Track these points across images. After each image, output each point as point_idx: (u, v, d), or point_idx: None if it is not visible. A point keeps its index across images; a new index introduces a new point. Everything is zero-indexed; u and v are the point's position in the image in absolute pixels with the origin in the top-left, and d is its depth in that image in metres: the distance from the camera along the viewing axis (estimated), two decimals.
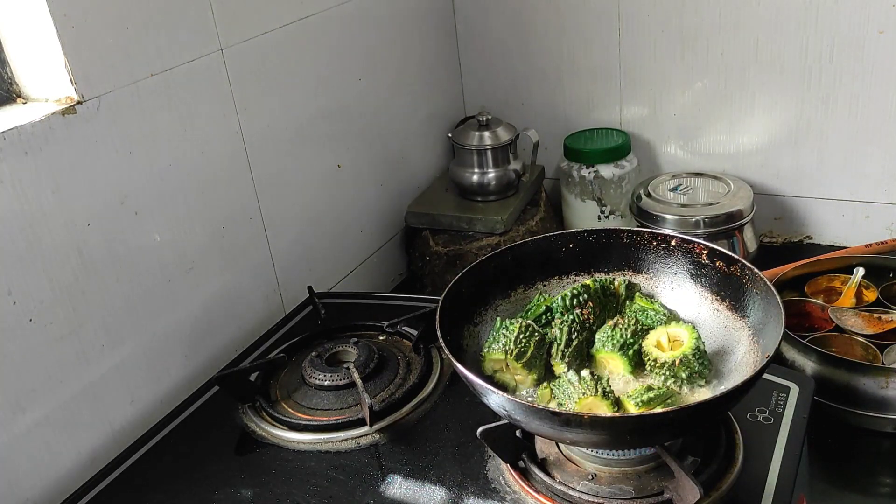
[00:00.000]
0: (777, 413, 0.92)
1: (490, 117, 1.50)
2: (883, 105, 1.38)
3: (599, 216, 1.58)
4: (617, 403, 0.82)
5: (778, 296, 0.83)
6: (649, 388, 0.83)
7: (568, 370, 0.87)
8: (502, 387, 0.87)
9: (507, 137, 1.50)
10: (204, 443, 0.98)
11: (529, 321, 0.90)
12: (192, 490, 0.91)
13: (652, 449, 0.83)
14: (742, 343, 0.88)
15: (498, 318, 0.91)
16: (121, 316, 1.01)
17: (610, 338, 0.89)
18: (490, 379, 0.88)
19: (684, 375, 0.85)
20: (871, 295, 1.21)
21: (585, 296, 0.92)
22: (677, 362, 0.84)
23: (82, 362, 0.97)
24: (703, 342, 0.87)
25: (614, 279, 0.97)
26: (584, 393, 0.82)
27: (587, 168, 1.54)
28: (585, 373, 0.85)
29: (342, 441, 0.95)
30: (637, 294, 0.96)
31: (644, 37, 1.52)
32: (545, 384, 0.87)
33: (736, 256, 0.90)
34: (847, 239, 1.49)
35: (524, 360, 0.87)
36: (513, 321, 0.89)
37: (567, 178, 1.58)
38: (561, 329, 0.90)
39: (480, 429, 0.82)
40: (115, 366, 1.01)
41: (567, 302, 0.92)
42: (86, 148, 0.94)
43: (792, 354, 1.10)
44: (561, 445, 0.88)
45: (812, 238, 1.54)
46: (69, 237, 0.94)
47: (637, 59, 1.54)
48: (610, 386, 0.84)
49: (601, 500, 0.81)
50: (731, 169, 1.54)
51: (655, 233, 0.97)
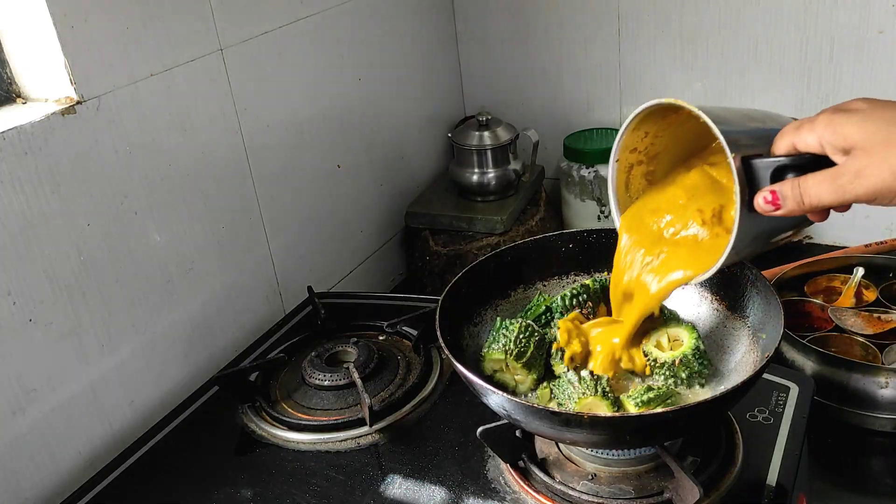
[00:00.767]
0: (777, 413, 0.92)
1: (490, 117, 1.50)
2: None
3: (599, 216, 1.58)
4: (617, 403, 0.82)
5: (778, 296, 0.83)
6: (649, 388, 0.83)
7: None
8: (502, 387, 0.87)
9: (507, 137, 1.50)
10: (204, 443, 0.99)
11: (529, 321, 0.90)
12: (192, 490, 0.91)
13: (652, 449, 0.83)
14: (742, 343, 0.88)
15: (498, 318, 0.91)
16: (121, 316, 1.01)
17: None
18: (490, 379, 0.88)
19: (684, 375, 0.85)
20: (871, 295, 1.21)
21: (585, 296, 0.92)
22: (677, 362, 0.84)
23: (82, 362, 0.97)
24: (703, 342, 0.87)
25: None
26: (584, 393, 0.82)
27: (587, 168, 1.54)
28: (585, 373, 0.85)
29: (342, 441, 0.95)
30: None
31: (644, 37, 1.52)
32: (545, 384, 0.87)
33: None
34: (847, 239, 1.48)
35: (524, 360, 0.87)
36: (513, 321, 0.89)
37: (567, 178, 1.58)
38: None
39: (480, 429, 0.82)
40: (115, 366, 1.01)
41: (567, 302, 0.92)
42: (86, 148, 0.94)
43: (792, 354, 1.10)
44: (561, 445, 0.88)
45: (812, 238, 1.54)
46: (69, 237, 0.94)
47: (637, 59, 1.54)
48: (610, 386, 0.84)
49: (601, 500, 0.81)
50: None
51: None
